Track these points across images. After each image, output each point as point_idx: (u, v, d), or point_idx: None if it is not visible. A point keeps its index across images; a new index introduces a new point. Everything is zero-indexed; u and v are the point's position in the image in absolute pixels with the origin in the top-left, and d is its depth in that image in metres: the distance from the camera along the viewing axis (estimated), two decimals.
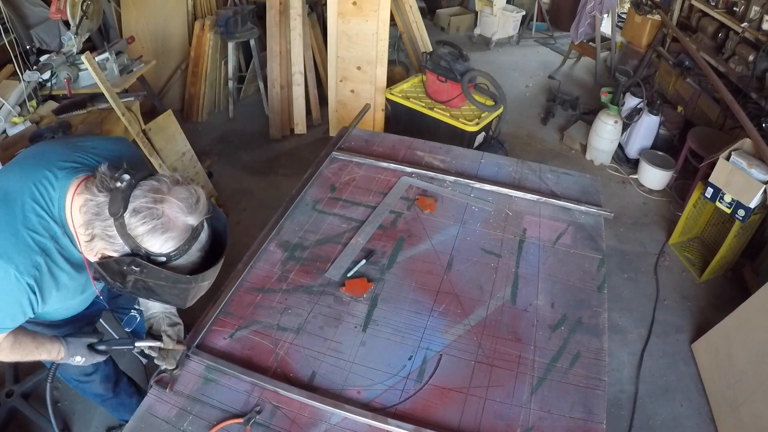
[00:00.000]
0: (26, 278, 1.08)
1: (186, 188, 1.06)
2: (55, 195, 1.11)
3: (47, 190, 1.11)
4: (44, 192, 1.11)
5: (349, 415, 1.27)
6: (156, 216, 1.02)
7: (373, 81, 3.72)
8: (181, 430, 1.23)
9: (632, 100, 3.88)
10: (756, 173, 2.62)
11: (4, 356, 1.27)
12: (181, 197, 1.04)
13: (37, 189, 1.11)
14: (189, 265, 1.09)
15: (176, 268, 1.07)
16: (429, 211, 1.95)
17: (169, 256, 1.05)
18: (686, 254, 3.20)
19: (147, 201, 1.02)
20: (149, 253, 1.04)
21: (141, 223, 1.02)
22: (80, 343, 1.39)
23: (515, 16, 6.15)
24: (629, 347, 2.63)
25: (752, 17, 3.62)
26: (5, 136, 2.42)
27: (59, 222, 1.12)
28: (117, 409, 1.95)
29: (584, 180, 2.19)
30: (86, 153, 1.20)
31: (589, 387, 1.39)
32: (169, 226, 1.03)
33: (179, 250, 1.05)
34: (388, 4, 3.48)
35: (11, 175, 1.16)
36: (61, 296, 1.21)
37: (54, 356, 1.36)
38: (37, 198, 1.10)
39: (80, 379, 1.69)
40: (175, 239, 1.04)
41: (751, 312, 2.27)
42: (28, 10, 3.29)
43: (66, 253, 1.15)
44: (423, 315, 1.56)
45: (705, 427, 2.29)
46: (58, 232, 1.12)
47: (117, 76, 2.97)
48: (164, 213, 1.03)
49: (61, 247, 1.14)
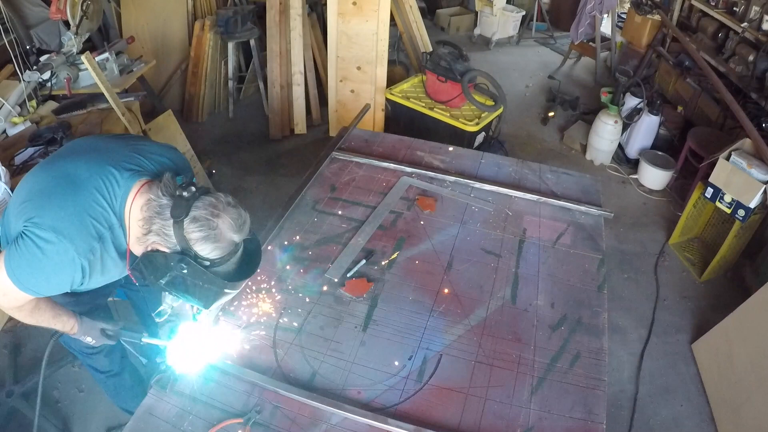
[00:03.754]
0: (82, 259, 1.23)
1: (237, 210, 1.22)
2: (119, 192, 1.26)
3: (113, 186, 1.26)
4: (110, 187, 1.26)
5: (349, 415, 1.27)
6: (211, 227, 1.18)
7: (373, 81, 3.72)
8: (181, 430, 1.23)
9: (632, 100, 3.88)
10: (756, 173, 2.62)
11: (22, 317, 1.38)
12: (233, 217, 1.20)
13: (104, 183, 1.25)
14: (224, 274, 1.23)
15: (215, 273, 1.21)
16: (429, 211, 1.95)
17: (213, 261, 1.20)
18: (686, 254, 3.20)
19: (206, 213, 1.18)
20: (197, 255, 1.19)
21: (198, 230, 1.17)
22: (94, 325, 1.51)
23: (515, 16, 6.15)
24: (629, 347, 2.63)
25: (752, 17, 3.62)
26: (5, 136, 2.42)
27: (118, 215, 1.27)
28: (118, 392, 1.96)
29: (584, 180, 2.19)
30: (147, 158, 1.35)
31: (589, 387, 1.39)
32: (219, 237, 1.18)
33: (222, 259, 1.20)
34: (388, 4, 3.48)
35: (79, 163, 1.30)
36: (103, 279, 1.36)
37: (67, 330, 1.47)
38: (102, 192, 1.25)
39: (86, 351, 1.74)
40: (220, 249, 1.19)
41: (751, 312, 2.27)
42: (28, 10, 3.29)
43: (117, 243, 1.30)
44: (423, 315, 1.56)
45: (705, 427, 2.29)
46: (116, 224, 1.27)
47: (117, 76, 2.96)
48: (218, 226, 1.18)
49: (114, 237, 1.29)
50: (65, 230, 1.20)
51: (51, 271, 1.24)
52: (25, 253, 1.21)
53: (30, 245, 1.20)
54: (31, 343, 2.51)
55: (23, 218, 1.23)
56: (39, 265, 1.22)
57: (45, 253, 1.20)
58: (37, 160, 2.10)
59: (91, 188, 1.24)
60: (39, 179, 1.31)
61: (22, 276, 1.24)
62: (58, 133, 2.11)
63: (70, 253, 1.21)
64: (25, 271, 1.24)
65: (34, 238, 1.20)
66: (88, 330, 1.50)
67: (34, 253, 1.21)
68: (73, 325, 1.47)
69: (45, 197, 1.25)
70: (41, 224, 1.20)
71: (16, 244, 1.23)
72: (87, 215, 1.23)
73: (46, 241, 1.19)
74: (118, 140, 1.47)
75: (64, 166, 1.30)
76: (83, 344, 1.59)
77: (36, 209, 1.23)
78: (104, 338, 1.53)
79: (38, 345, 2.50)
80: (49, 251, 1.20)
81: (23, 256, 1.22)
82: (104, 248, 1.27)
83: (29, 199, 1.26)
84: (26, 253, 1.21)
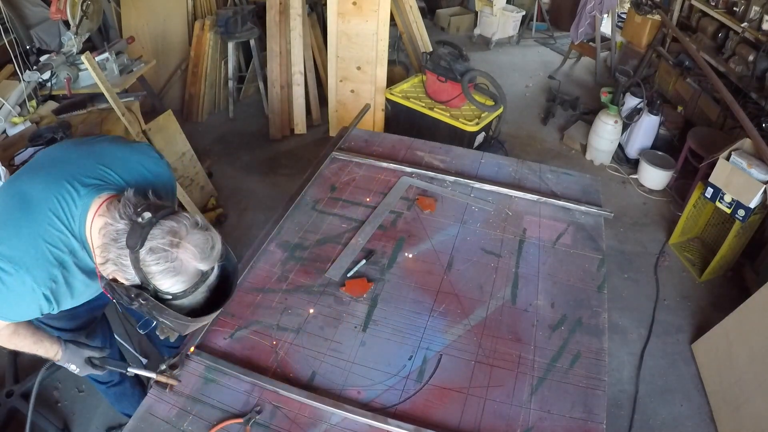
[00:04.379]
0: (42, 289, 1.12)
1: (203, 234, 1.07)
2: (77, 212, 1.14)
3: (69, 206, 1.13)
4: (66, 207, 1.13)
5: (349, 415, 1.27)
6: (170, 259, 1.04)
7: (373, 81, 3.72)
8: (181, 430, 1.23)
9: (632, 100, 3.88)
10: (756, 173, 2.62)
11: (1, 342, 1.29)
12: (197, 243, 1.05)
13: (59, 203, 1.13)
14: (193, 304, 1.11)
15: (180, 306, 1.09)
16: (429, 211, 1.95)
17: (176, 296, 1.07)
18: (686, 254, 3.20)
19: (164, 243, 1.03)
20: (157, 290, 1.06)
21: (154, 263, 1.04)
22: (79, 353, 1.41)
23: (515, 16, 6.15)
24: (629, 347, 2.63)
25: (752, 17, 3.62)
26: (5, 136, 2.42)
27: (78, 238, 1.15)
28: (119, 400, 1.92)
29: (584, 180, 2.19)
30: (111, 170, 1.22)
31: (589, 387, 1.39)
32: (181, 270, 1.05)
33: (186, 292, 1.08)
34: (388, 4, 3.48)
35: (36, 180, 1.18)
36: (75, 301, 1.24)
37: (51, 356, 1.38)
38: (58, 213, 1.13)
39: None
40: (184, 283, 1.06)
41: (751, 312, 2.27)
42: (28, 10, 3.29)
43: (82, 264, 1.18)
44: (423, 315, 1.56)
45: (705, 427, 2.29)
46: (77, 247, 1.15)
47: (117, 76, 2.96)
48: (178, 257, 1.04)
49: (78, 260, 1.17)
50: (20, 260, 1.09)
51: (14, 301, 1.13)
52: None
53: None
54: None
55: None
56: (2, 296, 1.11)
57: (4, 283, 1.09)
58: None
59: (46, 210, 1.12)
60: None
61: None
62: (58, 133, 2.11)
63: (28, 284, 1.10)
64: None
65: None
66: (72, 357, 1.40)
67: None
68: (56, 352, 1.37)
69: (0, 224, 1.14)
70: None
71: None
72: (43, 241, 1.11)
73: (3, 271, 1.09)
74: (86, 148, 1.32)
75: (21, 186, 1.18)
76: None
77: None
78: (89, 367, 1.43)
79: None
80: (8, 282, 1.09)
81: None
82: (68, 273, 1.16)
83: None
84: None
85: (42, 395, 2.28)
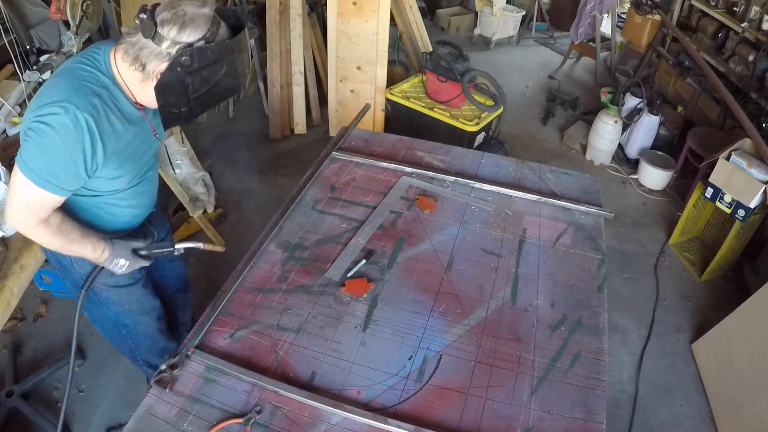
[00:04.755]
0: (85, 115, 1.24)
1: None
2: (100, 56, 1.33)
3: (93, 55, 1.33)
4: (91, 57, 1.33)
5: (349, 416, 1.27)
6: (179, 16, 1.23)
7: (373, 81, 3.72)
8: (181, 430, 1.23)
9: (632, 100, 3.88)
10: (756, 173, 2.62)
11: (48, 236, 1.34)
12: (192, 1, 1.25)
13: (85, 58, 1.33)
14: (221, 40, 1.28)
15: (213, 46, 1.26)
16: (429, 211, 1.95)
17: (206, 38, 1.25)
18: (686, 254, 3.20)
19: (168, 12, 1.23)
20: (189, 43, 1.24)
21: (171, 27, 1.22)
22: (126, 245, 1.49)
23: (515, 16, 6.16)
24: (629, 347, 2.63)
25: (752, 17, 3.62)
26: (5, 136, 2.42)
27: (107, 75, 1.32)
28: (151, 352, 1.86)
29: (584, 180, 2.19)
30: None
31: (589, 387, 1.39)
32: (193, 18, 1.23)
33: (211, 32, 1.25)
34: (388, 4, 3.48)
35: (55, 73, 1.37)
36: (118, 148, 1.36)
37: (97, 254, 1.43)
38: (85, 62, 1.32)
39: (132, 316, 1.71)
40: (201, 26, 1.24)
41: (751, 312, 2.28)
42: (28, 10, 3.29)
43: (119, 104, 1.34)
44: (423, 315, 1.56)
45: (705, 427, 2.29)
46: (109, 84, 1.32)
47: None
48: (185, 12, 1.23)
49: (113, 97, 1.32)
50: (62, 97, 1.23)
51: (62, 145, 1.24)
52: (34, 138, 1.24)
53: (36, 128, 1.23)
54: (31, 343, 2.51)
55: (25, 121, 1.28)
56: (50, 143, 1.23)
57: (51, 125, 1.22)
58: None
59: (75, 65, 1.32)
60: None
61: (36, 165, 1.25)
62: None
63: (71, 113, 1.22)
64: (37, 158, 1.25)
65: (39, 120, 1.23)
66: (120, 251, 1.46)
67: (41, 133, 1.23)
68: (103, 248, 1.43)
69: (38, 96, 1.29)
70: (41, 107, 1.24)
71: (25, 139, 1.26)
72: (78, 80, 1.28)
73: (48, 115, 1.22)
74: None
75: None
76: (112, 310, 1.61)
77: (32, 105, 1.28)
78: (138, 259, 1.51)
79: (38, 345, 2.51)
80: (54, 122, 1.22)
81: (32, 142, 1.24)
82: (106, 106, 1.30)
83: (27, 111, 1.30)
84: (34, 137, 1.24)
85: (42, 395, 2.28)
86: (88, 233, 1.41)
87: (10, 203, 1.31)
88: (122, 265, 1.49)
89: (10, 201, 1.31)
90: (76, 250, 1.40)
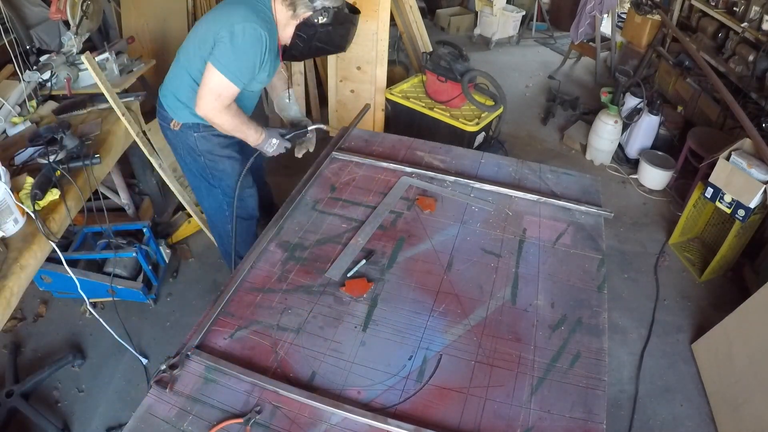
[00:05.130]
0: (265, 33, 1.82)
1: None
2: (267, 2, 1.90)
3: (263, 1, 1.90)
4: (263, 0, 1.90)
5: (349, 415, 1.27)
6: None
7: (373, 81, 3.72)
8: (181, 430, 1.23)
9: (632, 100, 3.88)
10: (756, 173, 2.62)
11: (229, 117, 1.93)
12: None
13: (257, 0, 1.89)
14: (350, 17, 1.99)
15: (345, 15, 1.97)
16: (429, 211, 1.95)
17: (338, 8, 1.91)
18: (686, 254, 3.20)
19: None
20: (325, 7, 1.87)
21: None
22: (275, 130, 2.13)
23: (515, 16, 6.16)
24: (629, 347, 2.63)
25: (752, 17, 3.62)
26: (5, 136, 2.42)
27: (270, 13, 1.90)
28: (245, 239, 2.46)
29: (584, 180, 2.19)
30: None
31: (589, 387, 1.39)
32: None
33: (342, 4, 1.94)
34: (388, 4, 3.48)
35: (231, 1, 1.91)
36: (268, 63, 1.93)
37: (258, 135, 2.05)
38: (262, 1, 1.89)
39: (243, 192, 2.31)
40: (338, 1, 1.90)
41: (751, 312, 2.28)
42: (28, 10, 3.29)
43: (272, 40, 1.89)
44: (423, 315, 1.56)
45: (705, 427, 2.29)
46: (271, 19, 1.90)
47: (117, 76, 2.96)
48: None
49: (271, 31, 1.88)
50: (251, 18, 1.80)
51: (250, 50, 1.82)
52: (229, 45, 1.79)
53: (233, 37, 1.78)
54: (31, 343, 2.52)
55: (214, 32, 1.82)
56: (242, 48, 1.81)
57: (244, 36, 1.79)
58: (37, 161, 2.10)
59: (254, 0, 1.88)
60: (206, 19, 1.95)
61: (230, 65, 1.81)
62: (58, 133, 2.11)
63: (257, 30, 1.80)
64: (231, 59, 1.81)
65: (234, 31, 1.78)
66: (271, 133, 2.09)
67: (235, 41, 1.78)
68: (261, 132, 2.05)
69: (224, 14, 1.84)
70: (234, 23, 1.78)
71: (220, 43, 1.80)
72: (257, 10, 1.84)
73: (242, 29, 1.78)
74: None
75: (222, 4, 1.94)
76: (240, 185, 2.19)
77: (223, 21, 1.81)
78: (283, 141, 2.13)
79: (38, 345, 2.51)
80: (246, 34, 1.79)
81: (228, 47, 1.79)
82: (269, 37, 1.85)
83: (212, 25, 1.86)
84: (230, 44, 1.79)
85: (42, 395, 2.28)
86: (250, 120, 2.02)
87: (202, 95, 1.86)
88: (273, 144, 2.10)
89: (203, 93, 1.86)
90: (245, 130, 2.00)
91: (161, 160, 2.71)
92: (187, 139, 2.15)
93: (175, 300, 2.77)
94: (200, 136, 2.14)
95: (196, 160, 2.21)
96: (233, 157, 2.24)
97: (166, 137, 2.26)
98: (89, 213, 2.13)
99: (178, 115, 2.11)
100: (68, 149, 2.12)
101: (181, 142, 2.18)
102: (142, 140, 2.58)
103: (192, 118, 2.08)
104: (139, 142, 2.56)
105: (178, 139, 2.18)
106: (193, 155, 2.20)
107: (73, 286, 2.13)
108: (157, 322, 2.63)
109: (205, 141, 2.15)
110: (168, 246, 2.94)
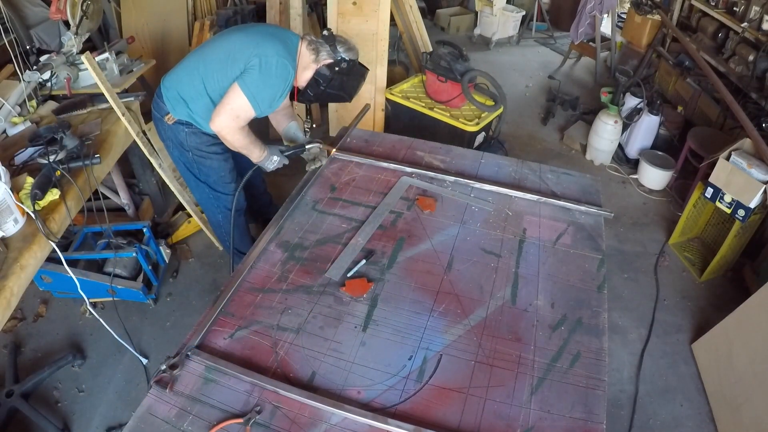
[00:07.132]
0: (291, 70, 2.03)
1: None
2: (296, 42, 2.11)
3: (292, 40, 2.10)
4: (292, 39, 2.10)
5: (349, 415, 1.27)
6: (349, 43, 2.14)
7: (373, 81, 3.71)
8: (181, 430, 1.23)
9: (632, 100, 3.88)
10: (756, 173, 2.62)
11: (241, 137, 2.07)
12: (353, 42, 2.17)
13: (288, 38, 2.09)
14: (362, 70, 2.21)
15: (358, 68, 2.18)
16: (429, 211, 1.95)
17: (354, 61, 2.13)
18: (686, 254, 3.20)
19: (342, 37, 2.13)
20: (344, 59, 2.09)
21: (344, 48, 2.11)
22: (275, 147, 2.25)
23: (515, 16, 6.16)
24: (629, 347, 2.63)
25: (752, 17, 3.62)
26: (5, 136, 2.42)
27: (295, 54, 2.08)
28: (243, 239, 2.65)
29: (584, 180, 2.19)
30: None
31: (589, 387, 1.39)
32: (354, 48, 2.14)
33: (357, 59, 2.15)
34: (388, 4, 3.48)
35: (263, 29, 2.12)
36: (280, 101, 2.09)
37: (261, 152, 2.19)
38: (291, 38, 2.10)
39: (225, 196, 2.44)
40: (355, 54, 2.13)
41: (751, 312, 2.27)
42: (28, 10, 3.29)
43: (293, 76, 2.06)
44: (423, 315, 1.56)
45: (705, 427, 2.29)
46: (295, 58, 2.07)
47: (117, 76, 2.96)
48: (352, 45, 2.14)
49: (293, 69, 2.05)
50: (285, 55, 1.98)
51: (277, 82, 1.99)
52: (260, 74, 1.94)
53: (267, 68, 1.94)
54: (31, 343, 2.51)
55: (245, 57, 1.96)
56: (271, 80, 1.97)
57: (277, 70, 1.97)
58: (37, 161, 2.10)
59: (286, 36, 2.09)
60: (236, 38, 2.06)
61: (257, 93, 1.96)
62: (58, 133, 2.11)
63: (288, 69, 1.99)
64: (260, 87, 1.96)
65: (269, 63, 1.94)
66: (272, 151, 2.22)
67: (268, 72, 1.95)
68: (263, 149, 2.19)
69: (258, 41, 1.99)
70: (269, 55, 1.95)
71: (252, 71, 1.94)
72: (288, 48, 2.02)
73: (276, 63, 1.96)
74: None
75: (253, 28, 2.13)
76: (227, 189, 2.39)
77: (257, 49, 1.96)
78: (283, 158, 2.25)
79: (38, 345, 2.51)
80: (279, 68, 1.97)
81: (259, 76, 1.94)
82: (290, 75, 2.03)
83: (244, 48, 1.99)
84: (261, 73, 1.94)
85: (42, 395, 2.28)
86: (256, 140, 2.16)
87: (223, 112, 1.97)
88: (274, 161, 2.23)
89: (223, 111, 1.97)
90: (251, 149, 2.14)
91: (161, 160, 2.71)
92: (177, 134, 2.21)
93: (175, 300, 2.77)
94: (190, 131, 2.20)
95: (184, 154, 2.28)
96: (219, 154, 2.31)
97: (157, 128, 2.32)
98: (89, 213, 2.13)
99: (175, 111, 2.16)
100: (68, 149, 2.12)
101: (172, 135, 2.24)
102: (142, 140, 2.58)
103: (188, 116, 2.14)
104: (139, 142, 2.56)
105: (168, 133, 2.25)
106: (181, 149, 2.27)
107: (73, 286, 2.13)
108: (157, 322, 2.63)
109: (194, 137, 2.21)
110: (168, 246, 2.94)
